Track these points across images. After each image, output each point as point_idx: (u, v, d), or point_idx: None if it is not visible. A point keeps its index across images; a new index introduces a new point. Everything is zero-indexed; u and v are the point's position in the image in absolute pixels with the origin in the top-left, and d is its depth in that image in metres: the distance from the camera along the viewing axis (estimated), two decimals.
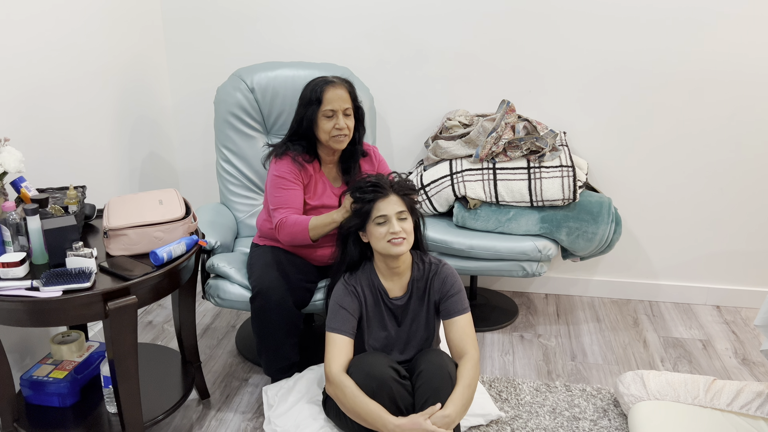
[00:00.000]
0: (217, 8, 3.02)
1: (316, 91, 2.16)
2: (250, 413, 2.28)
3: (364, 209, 1.94)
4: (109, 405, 2.00)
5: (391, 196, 1.93)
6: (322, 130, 2.16)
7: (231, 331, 2.84)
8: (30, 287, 1.71)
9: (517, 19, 2.84)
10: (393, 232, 1.89)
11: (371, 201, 1.93)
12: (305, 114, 2.18)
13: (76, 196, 2.06)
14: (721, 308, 3.07)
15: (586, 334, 2.83)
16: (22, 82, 2.23)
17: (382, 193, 1.93)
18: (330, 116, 2.15)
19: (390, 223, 1.90)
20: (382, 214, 1.91)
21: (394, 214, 1.91)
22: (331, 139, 2.16)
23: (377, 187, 1.95)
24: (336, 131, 2.15)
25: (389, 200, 1.93)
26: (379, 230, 1.91)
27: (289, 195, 2.16)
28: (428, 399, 1.81)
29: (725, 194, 2.94)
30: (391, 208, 1.92)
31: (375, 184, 1.95)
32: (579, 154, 2.98)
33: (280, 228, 2.13)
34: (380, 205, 1.92)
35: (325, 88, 2.15)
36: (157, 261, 1.86)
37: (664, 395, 2.09)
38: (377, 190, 1.94)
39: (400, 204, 1.93)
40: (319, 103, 2.15)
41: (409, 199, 1.97)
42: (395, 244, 1.90)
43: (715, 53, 2.76)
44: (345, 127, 2.15)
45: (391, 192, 1.94)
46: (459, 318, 1.97)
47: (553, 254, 2.60)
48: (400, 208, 1.93)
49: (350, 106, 2.17)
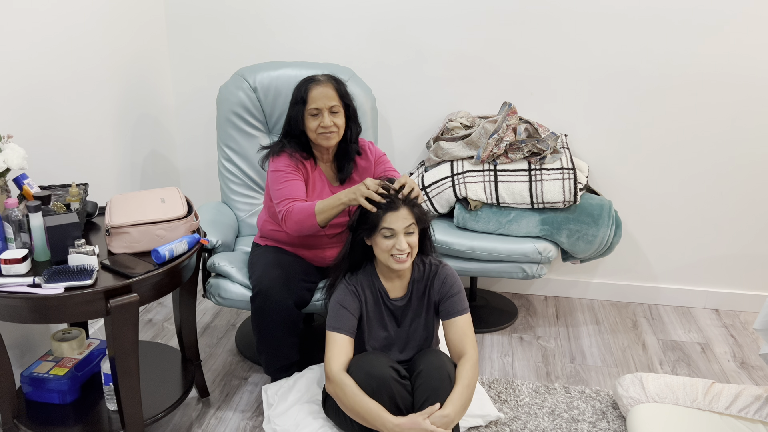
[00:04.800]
0: (220, 7, 3.03)
1: (301, 90, 2.17)
2: (250, 412, 2.29)
3: (371, 219, 1.90)
4: (110, 402, 2.00)
5: (401, 209, 1.89)
6: (309, 129, 2.17)
7: (231, 329, 2.85)
8: (32, 284, 1.71)
9: (520, 21, 2.84)
10: (399, 249, 1.87)
11: (382, 212, 1.88)
12: (293, 113, 2.20)
13: (79, 194, 2.07)
14: (720, 312, 3.08)
15: (586, 336, 2.83)
16: (25, 79, 2.23)
17: (392, 207, 1.89)
18: (315, 114, 2.15)
19: (397, 238, 1.87)
20: (390, 227, 1.87)
21: (402, 229, 1.88)
22: (319, 136, 2.17)
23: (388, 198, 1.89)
24: (321, 129, 2.15)
25: (399, 214, 1.88)
26: (384, 243, 1.89)
27: (291, 186, 2.14)
28: (427, 399, 1.81)
29: (725, 198, 2.94)
30: (400, 222, 1.88)
31: (386, 196, 1.90)
32: (580, 156, 2.99)
33: (287, 218, 2.08)
34: (389, 217, 1.88)
35: (309, 87, 2.15)
36: (159, 259, 1.86)
37: (662, 398, 2.10)
38: (388, 202, 1.89)
39: (409, 217, 1.89)
40: (304, 102, 2.15)
41: (418, 210, 1.93)
42: (398, 261, 1.89)
43: (718, 57, 2.76)
44: (331, 125, 2.14)
45: (401, 205, 1.90)
46: (458, 318, 1.97)
47: (553, 256, 2.61)
48: (409, 222, 1.89)
49: (338, 104, 2.16)
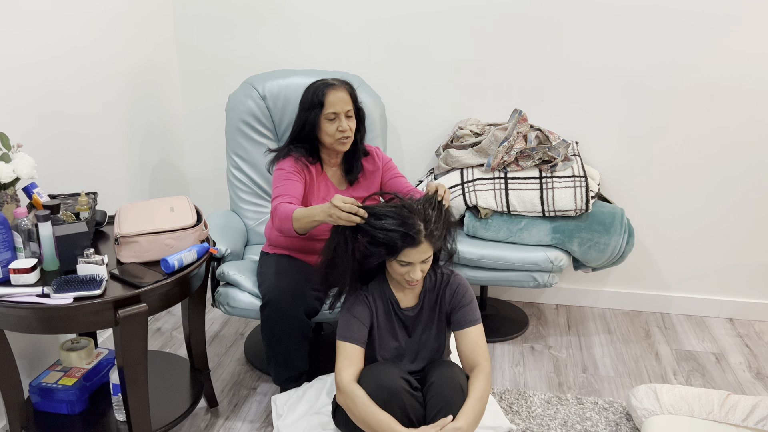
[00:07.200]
0: (229, 15, 3.03)
1: (317, 95, 2.16)
2: (259, 422, 2.27)
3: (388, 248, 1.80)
4: (118, 413, 1.99)
5: (421, 245, 1.78)
6: (326, 133, 2.16)
7: (240, 338, 2.83)
8: (41, 294, 1.70)
9: (530, 29, 2.83)
10: (412, 276, 1.83)
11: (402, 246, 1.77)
12: (308, 118, 2.18)
13: (88, 203, 2.06)
14: (735, 321, 3.03)
15: (598, 345, 2.80)
16: (34, 88, 2.23)
17: (411, 243, 1.77)
18: (332, 119, 2.14)
19: (413, 268, 1.82)
20: (407, 261, 1.80)
21: (419, 262, 1.82)
22: (336, 141, 2.16)
23: (407, 237, 1.76)
24: (339, 133, 2.15)
25: (418, 249, 1.78)
26: (399, 269, 1.84)
27: (288, 185, 2.14)
28: (439, 411, 1.78)
29: (739, 205, 2.91)
30: (417, 257, 1.79)
31: (405, 234, 1.76)
32: (591, 164, 2.96)
33: (273, 214, 2.06)
34: (408, 252, 1.78)
35: (326, 91, 2.15)
36: (168, 269, 1.85)
37: (677, 409, 2.07)
38: (409, 238, 1.77)
39: (428, 250, 1.80)
40: (321, 106, 2.14)
41: (439, 240, 1.82)
42: (410, 284, 1.87)
43: (729, 63, 2.74)
44: (348, 129, 2.15)
45: (422, 240, 1.78)
46: (470, 329, 1.94)
47: (564, 265, 2.58)
48: (427, 255, 1.81)
49: (352, 108, 2.17)
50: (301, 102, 2.22)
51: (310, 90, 2.19)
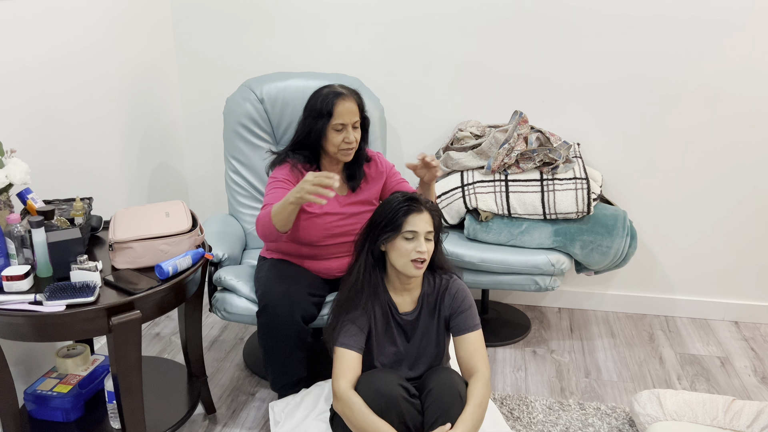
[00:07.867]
0: (227, 19, 3.01)
1: (327, 104, 2.11)
2: (257, 429, 2.25)
3: (397, 221, 1.87)
4: (113, 421, 1.97)
5: (424, 213, 1.88)
6: (331, 143, 2.13)
7: (239, 343, 2.81)
8: (33, 301, 1.68)
9: (530, 30, 2.80)
10: (419, 251, 1.84)
11: (405, 213, 1.87)
12: (314, 126, 2.14)
13: (83, 208, 2.04)
14: (740, 324, 3.00)
15: (601, 349, 2.77)
16: (29, 92, 2.22)
17: (417, 208, 1.88)
18: (339, 130, 2.11)
19: (418, 240, 1.85)
20: (413, 230, 1.85)
21: (424, 233, 1.86)
22: (340, 152, 2.13)
23: (413, 200, 1.88)
24: (345, 144, 2.12)
25: (422, 216, 1.87)
26: (405, 246, 1.85)
27: (275, 194, 2.11)
28: (438, 418, 1.76)
29: (743, 207, 2.87)
30: (422, 225, 1.86)
31: (411, 198, 1.89)
32: (593, 166, 2.93)
33: (256, 225, 2.06)
34: (412, 219, 1.86)
35: (336, 101, 2.10)
36: (162, 275, 1.83)
37: (681, 416, 2.03)
38: (412, 203, 1.88)
39: (430, 223, 1.88)
40: (329, 116, 2.10)
41: (438, 218, 1.92)
42: (417, 267, 1.86)
43: (733, 63, 2.70)
44: (354, 141, 2.12)
45: (424, 209, 1.89)
46: (470, 335, 1.92)
47: (566, 268, 2.55)
48: (430, 228, 1.88)
49: (359, 119, 2.14)
50: (307, 107, 2.17)
51: (318, 97, 2.14)
